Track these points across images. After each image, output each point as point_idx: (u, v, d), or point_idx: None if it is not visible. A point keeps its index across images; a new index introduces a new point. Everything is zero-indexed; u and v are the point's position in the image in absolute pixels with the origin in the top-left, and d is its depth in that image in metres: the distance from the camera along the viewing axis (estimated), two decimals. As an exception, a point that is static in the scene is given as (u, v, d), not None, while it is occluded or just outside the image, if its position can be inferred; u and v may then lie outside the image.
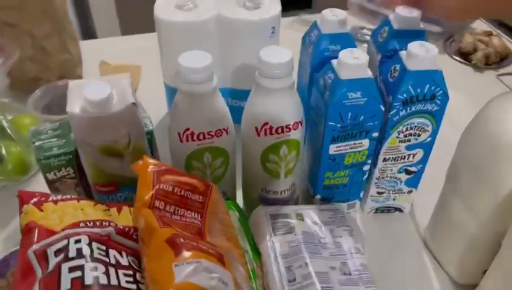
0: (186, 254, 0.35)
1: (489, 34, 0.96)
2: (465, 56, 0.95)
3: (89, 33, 1.86)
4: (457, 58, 0.95)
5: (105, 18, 1.85)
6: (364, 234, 0.58)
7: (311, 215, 0.51)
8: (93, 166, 0.50)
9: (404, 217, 0.64)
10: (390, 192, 0.61)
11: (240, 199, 0.62)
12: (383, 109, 0.50)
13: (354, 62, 0.48)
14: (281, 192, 0.57)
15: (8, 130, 0.64)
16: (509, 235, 0.45)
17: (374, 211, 0.63)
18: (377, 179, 0.59)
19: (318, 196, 0.58)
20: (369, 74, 0.49)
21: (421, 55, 0.49)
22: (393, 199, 0.62)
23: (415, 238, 0.61)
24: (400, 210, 0.63)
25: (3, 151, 0.63)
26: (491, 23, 1.06)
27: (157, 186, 0.42)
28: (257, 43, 0.67)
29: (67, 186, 0.58)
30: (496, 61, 0.92)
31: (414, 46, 0.50)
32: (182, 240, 0.37)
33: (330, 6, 0.59)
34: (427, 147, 0.56)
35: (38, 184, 0.64)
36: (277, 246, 0.46)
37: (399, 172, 0.58)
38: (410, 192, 0.61)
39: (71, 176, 0.57)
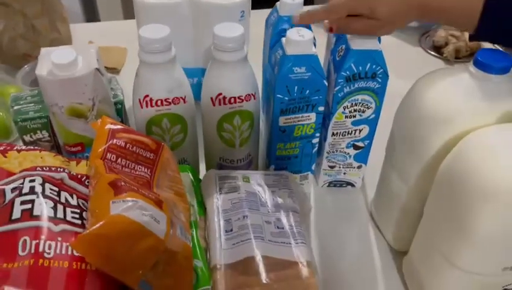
0: (124, 194, 0.40)
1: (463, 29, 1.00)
2: (438, 50, 0.98)
3: (92, 17, 1.91)
4: (431, 52, 0.99)
5: (109, 3, 1.91)
6: (316, 205, 0.63)
7: (257, 178, 0.55)
8: (61, 127, 0.56)
9: (355, 191, 0.68)
10: (341, 166, 0.65)
11: (203, 168, 0.67)
12: (326, 83, 0.55)
13: (299, 39, 0.53)
14: (237, 160, 0.62)
15: (-7, 98, 0.70)
16: (429, 201, 0.49)
17: (327, 184, 0.68)
18: (328, 153, 0.63)
19: (272, 166, 0.63)
20: (313, 50, 0.54)
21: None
22: (344, 173, 0.66)
23: (363, 211, 0.65)
24: (352, 185, 0.68)
25: (-13, 116, 0.68)
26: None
27: (110, 141, 0.47)
28: (227, 26, 0.72)
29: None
30: (466, 55, 0.96)
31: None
32: (122, 183, 0.42)
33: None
34: (372, 123, 0.60)
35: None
36: (221, 202, 0.51)
37: (347, 147, 0.63)
38: (359, 167, 0.65)
39: (46, 139, 0.62)
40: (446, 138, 0.46)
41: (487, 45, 0.99)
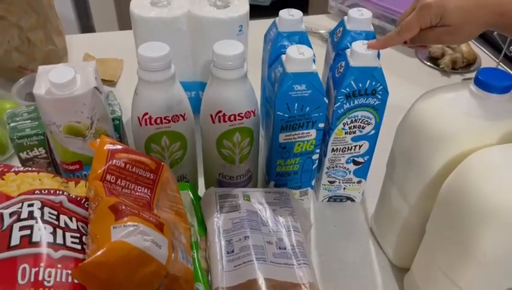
0: (125, 218, 0.40)
1: (459, 40, 1.01)
2: (435, 61, 0.99)
3: (88, 29, 1.91)
4: (427, 63, 1.00)
5: (104, 15, 1.91)
6: (316, 220, 0.62)
7: (258, 197, 0.55)
8: (59, 145, 0.55)
9: (355, 206, 0.68)
10: (341, 181, 0.65)
11: (202, 184, 0.66)
12: (326, 101, 0.54)
13: (299, 57, 0.52)
14: (237, 177, 0.61)
15: (-11, 113, 0.69)
16: (431, 219, 0.49)
17: (327, 199, 0.67)
18: (328, 168, 0.63)
19: (272, 182, 0.62)
20: (313, 68, 0.54)
21: (362, 52, 0.53)
22: (344, 189, 0.66)
23: (363, 226, 0.65)
24: (352, 199, 0.67)
25: (-17, 132, 0.67)
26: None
27: (110, 162, 0.47)
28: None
29: (39, 166, 0.62)
30: (462, 66, 0.97)
31: (357, 45, 0.54)
32: (123, 207, 0.41)
33: (325, 11, 0.63)
34: (372, 139, 0.60)
35: (14, 164, 0.69)
36: (221, 222, 0.51)
37: (347, 162, 0.62)
38: (359, 182, 0.65)
39: (43, 156, 0.62)
40: (447, 157, 0.46)
41: (484, 58, 1.00)
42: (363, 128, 0.58)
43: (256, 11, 0.81)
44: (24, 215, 0.40)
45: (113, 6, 1.91)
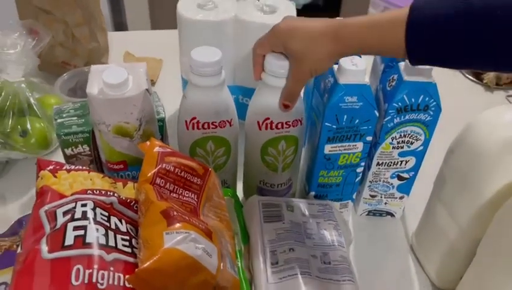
0: (177, 225, 0.40)
1: (503, 55, 0.98)
2: (478, 75, 0.96)
3: (120, 25, 1.94)
4: (469, 76, 0.97)
5: (137, 12, 1.93)
6: (354, 234, 0.61)
7: (301, 208, 0.54)
8: (106, 144, 0.55)
9: (395, 222, 0.66)
10: (383, 196, 0.63)
11: (240, 190, 0.66)
12: (377, 114, 0.53)
13: (353, 68, 0.52)
14: (278, 185, 0.61)
15: (35, 107, 0.70)
16: (483, 243, 0.47)
17: (366, 213, 0.66)
18: (370, 182, 0.62)
19: (312, 193, 0.61)
20: (366, 80, 0.52)
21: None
22: (385, 203, 0.64)
23: (403, 242, 0.64)
24: (392, 215, 0.66)
25: (28, 126, 0.68)
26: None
27: (160, 166, 0.47)
28: (270, 46, 0.71)
29: (82, 163, 0.63)
30: (507, 82, 0.94)
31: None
32: (175, 212, 0.41)
33: (357, 13, 0.61)
34: (419, 155, 0.58)
35: (57, 159, 0.70)
36: (265, 231, 0.50)
37: (392, 177, 0.61)
38: (402, 198, 0.64)
39: (87, 153, 0.62)
40: (504, 181, 0.45)
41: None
42: (412, 143, 0.57)
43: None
44: (78, 215, 0.40)
45: (147, 5, 1.93)
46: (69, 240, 0.38)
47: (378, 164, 0.60)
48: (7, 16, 0.82)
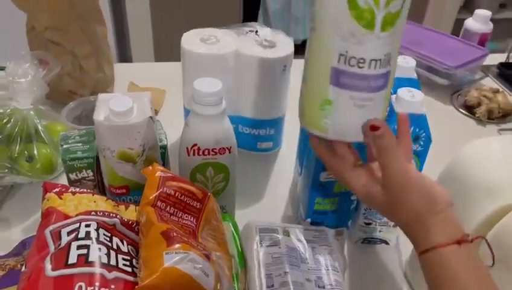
0: (177, 245, 0.41)
1: (495, 91, 1.01)
2: (470, 109, 1.00)
3: (125, 58, 2.01)
4: (462, 110, 1.00)
5: (142, 46, 2.00)
6: (349, 261, 0.62)
7: (297, 233, 0.56)
8: (110, 169, 0.57)
9: (389, 250, 0.68)
10: (377, 224, 0.65)
11: (238, 215, 0.67)
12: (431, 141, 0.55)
13: (410, 99, 0.54)
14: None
15: (42, 134, 0.72)
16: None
17: (361, 240, 0.68)
18: (365, 209, 0.64)
19: (309, 220, 0.63)
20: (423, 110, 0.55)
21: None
22: (380, 231, 0.66)
23: (397, 270, 0.65)
24: (386, 243, 0.67)
25: (35, 151, 0.71)
26: (498, 80, 1.11)
27: (161, 189, 0.49)
28: (269, 79, 0.75)
29: (86, 187, 0.64)
30: (498, 116, 0.97)
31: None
32: (174, 234, 0.43)
33: None
34: (412, 184, 0.60)
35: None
36: (261, 255, 0.52)
37: (385, 205, 0.63)
38: (395, 226, 0.65)
39: (90, 178, 0.64)
40: (490, 210, 0.47)
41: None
42: (404, 172, 0.59)
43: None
44: (81, 234, 0.42)
45: (151, 38, 2.00)
46: (73, 259, 0.40)
47: (372, 192, 0.62)
48: (19, 47, 0.86)
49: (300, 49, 0.97)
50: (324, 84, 0.45)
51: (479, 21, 1.12)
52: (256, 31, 0.76)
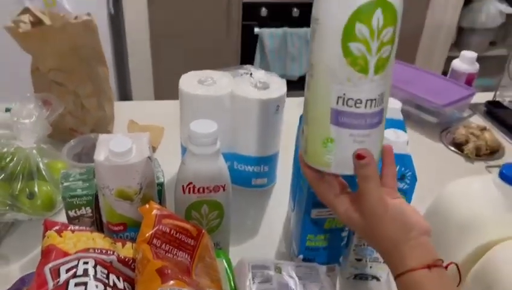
0: (171, 282, 0.43)
1: (482, 128, 1.05)
2: (459, 146, 1.03)
3: (125, 96, 2.05)
4: (451, 148, 1.03)
5: (142, 85, 2.05)
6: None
7: (288, 270, 0.57)
8: (108, 207, 0.60)
9: (380, 286, 0.69)
10: (368, 260, 0.67)
11: (232, 252, 0.69)
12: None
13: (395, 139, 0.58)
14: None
15: (43, 172, 0.75)
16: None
17: (352, 277, 0.69)
18: (355, 246, 0.65)
19: (301, 256, 0.65)
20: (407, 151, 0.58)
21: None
22: (370, 267, 0.67)
23: (389, 306, 0.66)
24: (377, 279, 0.69)
25: (36, 189, 0.73)
26: (485, 117, 1.15)
27: (157, 227, 0.51)
28: (263, 118, 0.78)
29: (84, 224, 0.66)
30: (486, 153, 1.00)
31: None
32: (169, 271, 0.45)
33: None
34: (400, 221, 0.62)
35: (60, 221, 0.74)
36: (254, 292, 0.53)
37: (375, 242, 0.65)
38: (385, 262, 0.67)
39: (88, 215, 0.66)
40: (473, 246, 0.49)
41: (508, 146, 1.04)
42: (392, 210, 0.61)
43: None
44: (79, 272, 0.44)
45: (151, 78, 2.05)
46: (71, 295, 0.42)
47: (361, 228, 0.64)
48: (24, 87, 0.90)
49: (297, 85, 1.01)
50: (325, 124, 0.48)
51: (465, 62, 1.16)
52: (251, 73, 0.80)
